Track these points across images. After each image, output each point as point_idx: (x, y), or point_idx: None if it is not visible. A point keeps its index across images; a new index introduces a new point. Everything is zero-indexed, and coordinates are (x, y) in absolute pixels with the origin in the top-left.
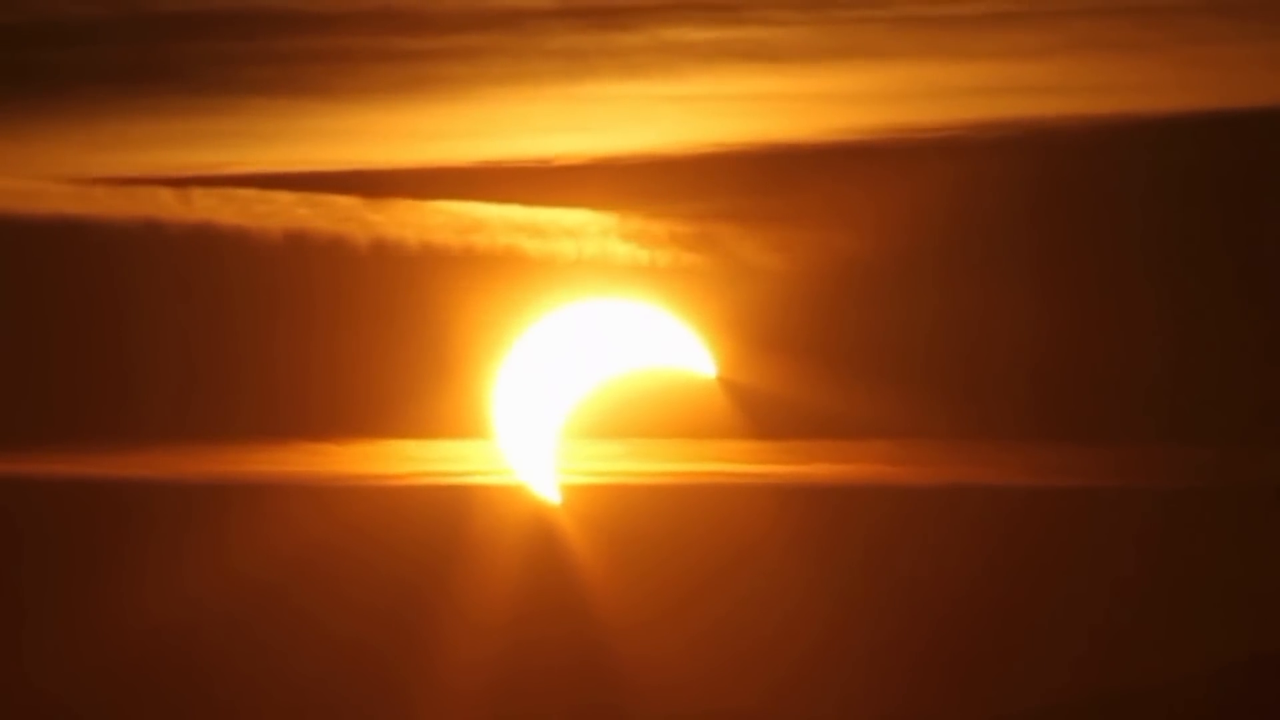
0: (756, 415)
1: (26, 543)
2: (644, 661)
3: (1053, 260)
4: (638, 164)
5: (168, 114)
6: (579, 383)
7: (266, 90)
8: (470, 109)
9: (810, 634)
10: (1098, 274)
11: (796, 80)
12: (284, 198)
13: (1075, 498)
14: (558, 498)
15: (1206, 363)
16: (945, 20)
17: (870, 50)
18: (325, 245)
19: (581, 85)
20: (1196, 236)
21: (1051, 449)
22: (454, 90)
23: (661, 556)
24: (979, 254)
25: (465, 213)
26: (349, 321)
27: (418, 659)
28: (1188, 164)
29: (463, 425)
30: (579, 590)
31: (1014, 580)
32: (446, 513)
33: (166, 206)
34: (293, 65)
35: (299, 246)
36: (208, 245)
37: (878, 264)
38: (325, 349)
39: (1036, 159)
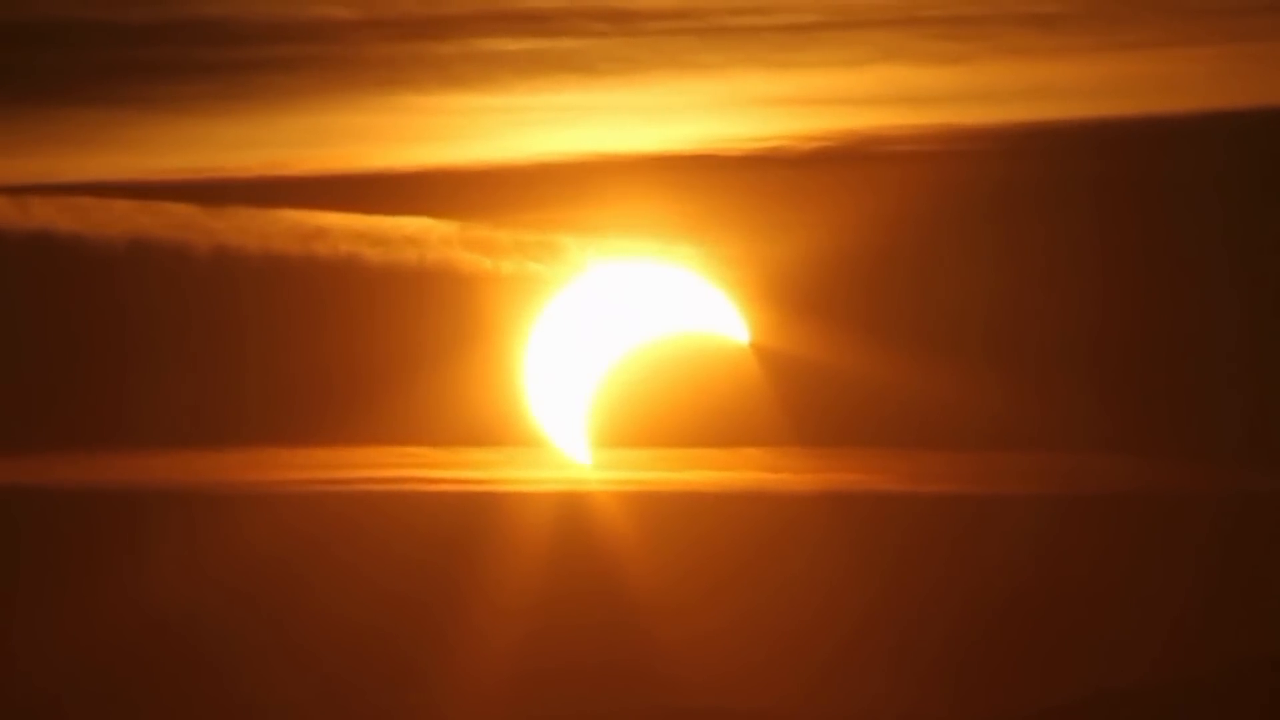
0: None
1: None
2: (665, 659)
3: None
4: (472, 174)
5: None
6: (606, 354)
7: (92, 99)
8: (295, 119)
9: (834, 636)
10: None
11: (612, 93)
12: (123, 206)
13: (1098, 506)
14: (578, 504)
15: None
16: (753, 31)
17: (682, 61)
18: (166, 253)
19: (402, 96)
20: (1010, 245)
21: (1087, 459)
22: (276, 100)
23: (682, 558)
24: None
25: (306, 221)
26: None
27: (439, 653)
28: (1009, 175)
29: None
30: (601, 590)
31: (1033, 586)
32: (460, 517)
33: (3, 214)
34: (114, 75)
35: (140, 254)
36: (46, 253)
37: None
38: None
39: (860, 169)
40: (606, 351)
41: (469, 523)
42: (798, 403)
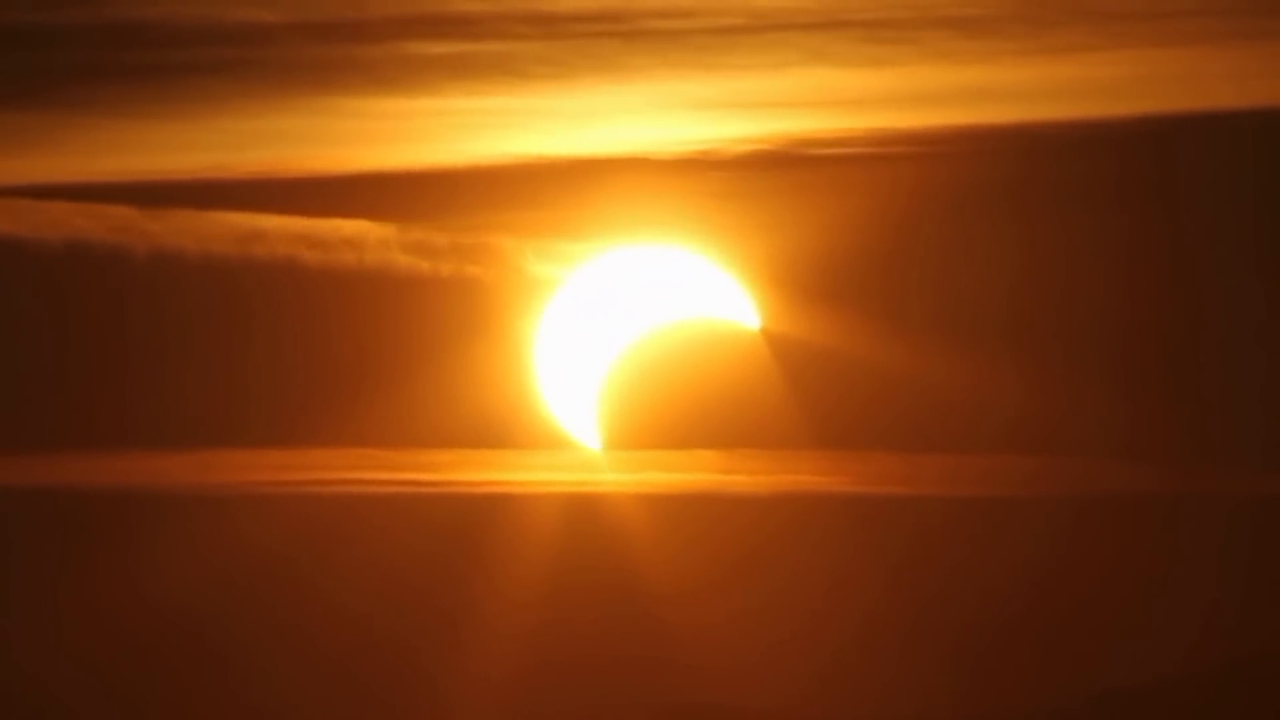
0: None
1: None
2: (671, 656)
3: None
4: (407, 177)
5: None
6: (605, 351)
7: (26, 103)
8: (227, 122)
9: (843, 635)
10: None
11: (542, 97)
12: (60, 208)
13: (1108, 508)
14: (581, 504)
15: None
16: (677, 34)
17: (609, 65)
18: (104, 255)
19: (332, 99)
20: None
21: (1099, 463)
22: (208, 103)
23: (690, 558)
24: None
25: (244, 223)
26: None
27: (446, 648)
28: (943, 178)
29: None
30: (607, 587)
31: (1043, 587)
32: (464, 520)
33: None
34: (46, 78)
35: (78, 256)
36: None
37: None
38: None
39: (794, 173)
40: (605, 349)
41: (470, 523)
42: (802, 405)
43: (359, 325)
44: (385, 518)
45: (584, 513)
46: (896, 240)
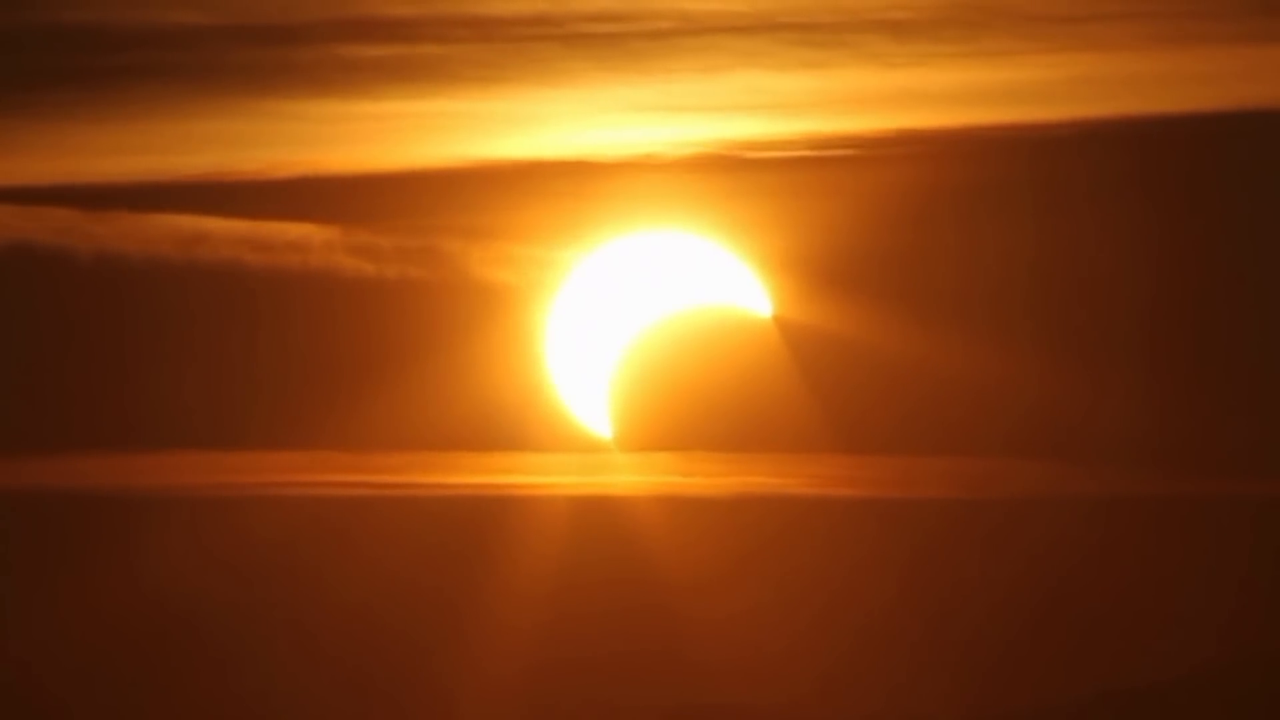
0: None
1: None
2: (678, 655)
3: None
4: (350, 180)
5: None
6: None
7: None
8: (166, 125)
9: (854, 634)
10: None
11: (478, 100)
12: (2, 211)
13: (1116, 510)
14: (581, 506)
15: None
16: (612, 38)
17: (545, 69)
18: (48, 258)
19: (268, 102)
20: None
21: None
22: (146, 106)
23: (701, 559)
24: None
25: (187, 225)
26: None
27: (452, 647)
28: (884, 181)
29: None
30: (614, 586)
31: (1051, 588)
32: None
33: None
34: None
35: (22, 259)
36: None
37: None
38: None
39: (737, 176)
40: (603, 346)
41: (475, 523)
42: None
43: (304, 328)
44: (364, 521)
45: (588, 513)
46: (841, 242)
